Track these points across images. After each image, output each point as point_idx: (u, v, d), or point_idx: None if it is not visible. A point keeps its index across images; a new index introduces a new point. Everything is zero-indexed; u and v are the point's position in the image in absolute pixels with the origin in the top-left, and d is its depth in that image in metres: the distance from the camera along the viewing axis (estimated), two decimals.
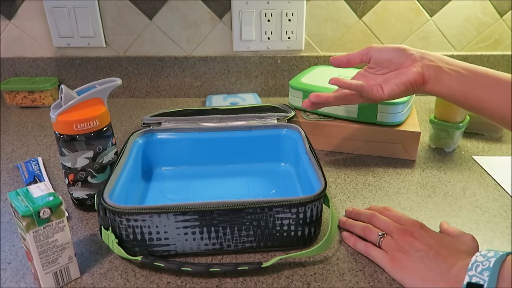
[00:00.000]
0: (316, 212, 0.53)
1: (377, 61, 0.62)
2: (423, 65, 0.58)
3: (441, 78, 0.57)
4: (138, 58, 1.08)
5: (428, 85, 0.58)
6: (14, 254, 0.55)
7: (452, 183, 0.71)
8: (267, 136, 0.73)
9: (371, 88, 0.60)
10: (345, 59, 0.64)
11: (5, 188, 0.70)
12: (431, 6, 1.04)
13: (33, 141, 0.88)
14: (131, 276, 0.51)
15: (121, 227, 0.51)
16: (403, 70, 0.59)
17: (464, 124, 0.78)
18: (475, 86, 0.55)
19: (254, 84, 1.12)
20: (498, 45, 1.08)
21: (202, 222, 0.51)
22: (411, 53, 0.59)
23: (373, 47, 0.63)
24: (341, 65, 0.65)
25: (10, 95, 1.04)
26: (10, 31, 1.07)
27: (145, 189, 0.68)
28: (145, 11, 1.04)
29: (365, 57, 0.63)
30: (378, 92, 0.59)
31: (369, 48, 0.63)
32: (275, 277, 0.51)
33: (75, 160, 0.59)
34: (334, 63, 0.65)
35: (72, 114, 0.57)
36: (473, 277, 0.41)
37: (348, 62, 0.64)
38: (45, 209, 0.44)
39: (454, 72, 0.56)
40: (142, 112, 1.03)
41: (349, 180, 0.72)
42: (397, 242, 0.51)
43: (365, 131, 0.78)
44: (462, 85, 0.56)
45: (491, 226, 0.60)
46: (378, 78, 0.62)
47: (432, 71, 0.57)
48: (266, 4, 1.02)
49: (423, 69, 0.58)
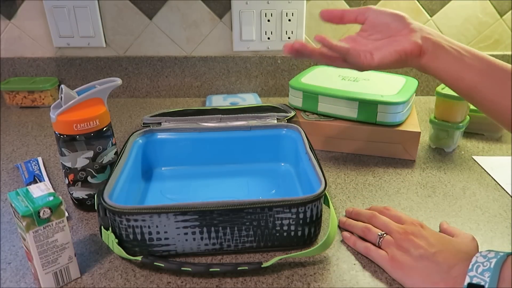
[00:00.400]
0: (316, 212, 0.53)
1: (373, 23, 0.57)
2: (422, 36, 0.54)
3: (438, 53, 0.54)
4: (138, 58, 1.08)
5: (423, 58, 0.54)
6: (14, 254, 0.55)
7: (452, 183, 0.71)
8: (267, 136, 0.73)
9: (358, 53, 0.54)
10: (338, 14, 0.59)
11: (5, 188, 0.70)
12: (431, 6, 1.04)
13: (33, 141, 0.88)
14: (131, 276, 0.51)
15: (121, 227, 0.51)
16: (399, 38, 0.55)
17: (464, 124, 0.78)
18: (472, 67, 0.53)
19: (254, 84, 1.12)
20: (498, 45, 1.08)
21: (202, 222, 0.51)
22: (410, 22, 0.56)
23: (371, 8, 0.58)
24: (333, 20, 0.59)
25: (10, 95, 1.04)
26: (10, 31, 1.07)
27: (145, 189, 0.68)
28: (145, 11, 1.04)
29: (360, 17, 0.58)
30: (366, 59, 0.54)
31: (367, 8, 0.58)
32: (275, 277, 0.51)
33: (75, 160, 0.59)
34: (325, 16, 0.59)
35: (72, 114, 0.57)
36: (474, 277, 0.41)
37: (342, 17, 0.59)
38: (45, 209, 0.44)
39: (453, 50, 0.53)
40: (142, 112, 1.03)
41: (349, 180, 0.72)
42: (397, 241, 0.51)
43: (365, 131, 0.78)
44: (459, 63, 0.53)
45: (491, 226, 0.60)
46: (369, 44, 0.57)
47: (431, 44, 0.54)
48: (266, 4, 1.02)
49: (422, 41, 0.54)
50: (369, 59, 0.54)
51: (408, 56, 0.54)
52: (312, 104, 0.82)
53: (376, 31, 0.58)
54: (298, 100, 0.84)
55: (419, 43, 0.54)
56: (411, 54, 0.54)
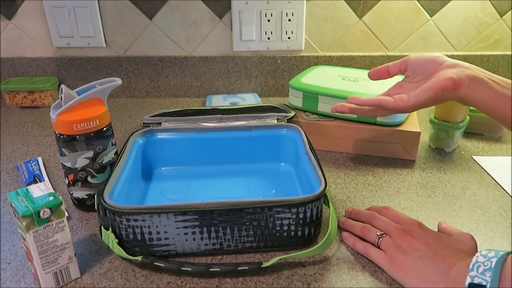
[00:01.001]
0: (316, 212, 0.53)
1: (413, 69, 0.61)
2: (458, 71, 0.56)
3: (476, 85, 0.54)
4: (138, 58, 1.08)
5: (461, 91, 0.55)
6: (14, 254, 0.55)
7: (452, 183, 0.71)
8: (267, 136, 0.73)
9: (390, 100, 0.58)
10: (385, 70, 0.64)
11: (5, 188, 0.70)
12: (431, 6, 1.04)
13: (33, 141, 0.88)
14: (131, 276, 0.51)
15: (121, 227, 0.51)
16: (434, 75, 0.57)
17: (464, 124, 0.78)
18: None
19: (254, 84, 1.12)
20: (498, 45, 1.08)
21: (202, 222, 0.51)
22: (444, 60, 0.58)
23: (410, 56, 0.62)
24: (382, 76, 0.64)
25: (10, 95, 1.04)
26: (10, 31, 1.07)
27: (145, 189, 0.68)
28: (145, 11, 1.04)
29: (402, 66, 0.62)
30: (402, 101, 0.57)
31: (406, 58, 0.62)
32: (275, 277, 0.51)
33: (75, 160, 0.59)
34: (374, 76, 0.65)
35: (72, 114, 0.57)
36: (475, 277, 0.41)
37: (388, 72, 0.64)
38: (45, 209, 0.44)
39: (492, 82, 0.54)
40: (142, 112, 1.03)
41: (349, 180, 0.72)
42: (396, 241, 0.51)
43: (365, 131, 0.78)
44: (499, 94, 0.53)
45: (491, 226, 0.60)
46: (412, 87, 0.60)
47: (467, 77, 0.55)
48: (266, 4, 1.02)
49: (457, 75, 0.55)
50: (405, 101, 0.57)
51: (444, 91, 0.55)
52: (312, 104, 0.82)
53: (416, 74, 0.61)
54: (298, 100, 0.84)
55: (454, 77, 0.55)
56: (445, 89, 0.55)
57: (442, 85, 0.55)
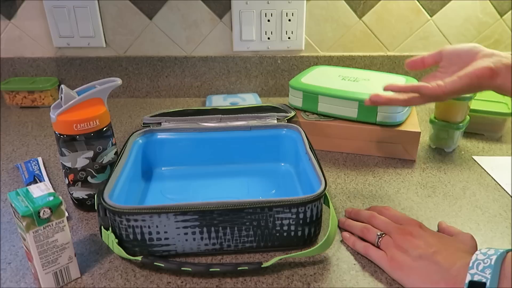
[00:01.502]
0: (316, 212, 0.53)
1: (448, 59, 0.61)
2: (495, 60, 0.55)
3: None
4: (138, 58, 1.08)
5: (498, 80, 0.55)
6: (14, 254, 0.55)
7: (452, 183, 0.71)
8: (267, 136, 0.73)
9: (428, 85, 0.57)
10: (420, 60, 0.64)
11: (5, 188, 0.70)
12: (431, 6, 1.04)
13: (33, 141, 0.88)
14: (131, 276, 0.51)
15: (121, 227, 0.51)
16: (470, 63, 0.57)
17: (464, 124, 0.78)
18: None
19: (254, 84, 1.12)
20: (498, 45, 1.08)
21: (202, 222, 0.51)
22: (481, 49, 0.58)
23: (445, 47, 0.62)
24: (417, 67, 0.65)
25: (10, 95, 1.04)
26: (10, 31, 1.07)
27: (145, 189, 0.68)
28: (145, 11, 1.04)
29: (437, 57, 0.63)
30: (440, 88, 0.56)
31: (441, 49, 0.63)
32: (275, 277, 0.51)
33: (75, 160, 0.59)
34: (410, 66, 0.66)
35: (72, 114, 0.57)
36: (475, 275, 0.41)
37: (423, 62, 0.64)
38: (45, 209, 0.44)
39: None
40: (142, 112, 1.03)
41: (349, 180, 0.72)
42: (396, 241, 0.51)
43: (365, 131, 0.78)
44: None
45: (491, 226, 0.60)
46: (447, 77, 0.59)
47: (504, 66, 0.54)
48: (266, 4, 1.02)
49: (494, 63, 0.55)
50: (442, 87, 0.56)
51: (480, 79, 0.55)
52: (312, 104, 0.82)
53: (452, 64, 0.61)
54: (298, 100, 0.84)
55: (491, 66, 0.55)
56: (482, 77, 0.55)
57: (480, 73, 0.55)
